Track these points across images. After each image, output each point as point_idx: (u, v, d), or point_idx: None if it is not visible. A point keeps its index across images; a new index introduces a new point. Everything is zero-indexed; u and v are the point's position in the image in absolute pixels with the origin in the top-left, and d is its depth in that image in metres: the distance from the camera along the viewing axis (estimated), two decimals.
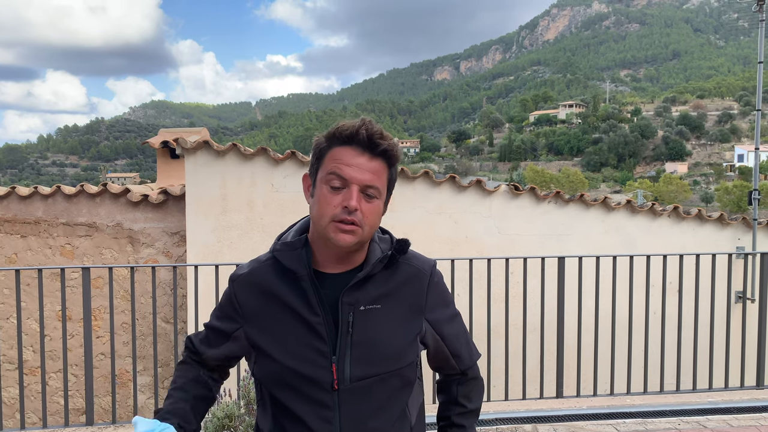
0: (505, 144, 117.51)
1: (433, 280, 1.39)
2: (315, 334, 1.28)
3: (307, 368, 1.28)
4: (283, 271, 1.32)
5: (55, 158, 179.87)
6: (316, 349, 1.28)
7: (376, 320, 1.30)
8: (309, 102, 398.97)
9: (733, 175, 79.21)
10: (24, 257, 5.97)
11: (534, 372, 4.56)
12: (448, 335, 1.43)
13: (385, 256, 1.31)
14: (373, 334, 1.29)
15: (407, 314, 1.34)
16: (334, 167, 1.25)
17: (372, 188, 1.25)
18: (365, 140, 1.24)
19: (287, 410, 1.31)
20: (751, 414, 4.08)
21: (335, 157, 1.26)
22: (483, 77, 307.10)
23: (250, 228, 5.55)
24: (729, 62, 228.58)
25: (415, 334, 1.35)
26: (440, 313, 1.41)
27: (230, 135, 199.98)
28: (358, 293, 1.29)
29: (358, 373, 1.28)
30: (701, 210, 6.42)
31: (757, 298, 4.93)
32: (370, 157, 1.25)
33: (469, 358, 1.49)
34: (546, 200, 6.00)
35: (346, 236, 1.24)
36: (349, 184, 1.24)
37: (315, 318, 1.28)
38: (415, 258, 1.39)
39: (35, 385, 5.89)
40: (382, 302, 1.31)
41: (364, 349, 1.29)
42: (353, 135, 1.25)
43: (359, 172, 1.24)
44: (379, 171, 1.26)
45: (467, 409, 1.49)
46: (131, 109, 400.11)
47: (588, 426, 3.87)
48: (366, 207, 1.25)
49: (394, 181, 1.33)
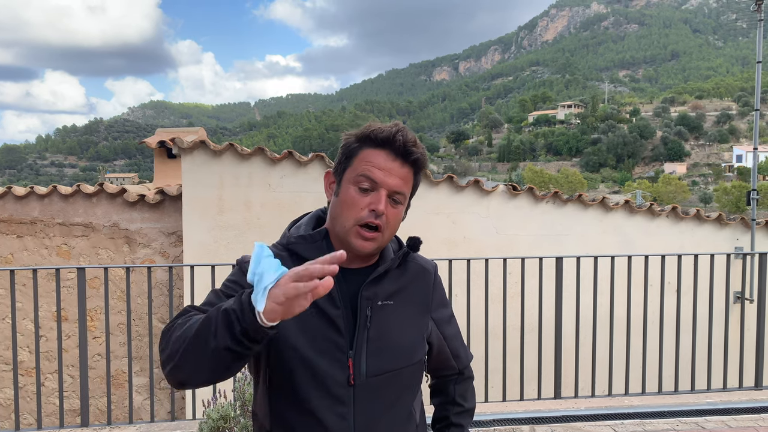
0: (504, 144, 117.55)
1: (437, 279, 1.43)
2: (333, 327, 1.26)
3: (323, 361, 1.25)
4: (301, 262, 1.21)
5: (53, 159, 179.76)
6: (333, 342, 1.26)
7: (390, 316, 1.31)
8: (308, 102, 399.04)
9: (732, 175, 79.36)
10: (20, 257, 5.94)
11: (532, 372, 4.55)
12: (449, 335, 1.45)
13: (402, 251, 1.34)
14: (387, 330, 1.30)
15: (417, 311, 1.37)
16: (365, 169, 1.25)
17: (399, 194, 1.27)
18: (401, 147, 1.25)
19: (300, 404, 1.25)
20: (749, 415, 4.07)
21: (367, 159, 1.26)
22: (482, 78, 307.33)
23: (247, 228, 5.53)
24: (728, 63, 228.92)
25: (423, 331, 1.37)
26: (442, 312, 1.43)
27: (229, 135, 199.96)
28: (377, 288, 1.30)
29: (373, 368, 1.27)
30: (699, 210, 6.41)
31: (756, 298, 4.92)
32: (402, 163, 1.26)
33: (465, 357, 1.52)
34: (544, 200, 5.99)
35: (366, 243, 1.25)
36: (379, 188, 1.24)
37: (335, 311, 1.26)
38: (419, 257, 1.42)
39: (30, 386, 5.87)
40: (395, 298, 1.32)
41: (380, 344, 1.28)
42: (389, 139, 1.25)
43: (390, 177, 1.25)
44: (407, 178, 1.28)
45: (464, 408, 1.51)
46: (130, 110, 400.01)
47: (586, 427, 3.85)
48: (391, 212, 1.26)
49: (417, 188, 1.35)
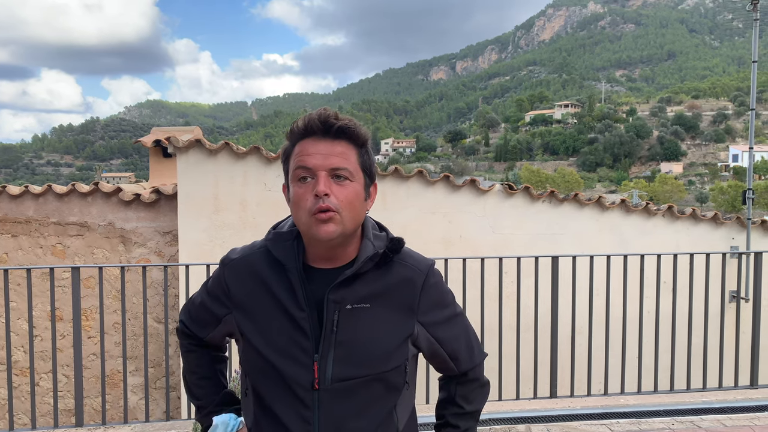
0: (501, 144, 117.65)
1: (429, 281, 1.33)
2: (299, 330, 1.25)
3: (288, 364, 1.25)
4: (274, 262, 1.29)
5: (49, 158, 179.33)
6: (299, 345, 1.25)
7: (364, 320, 1.25)
8: (305, 101, 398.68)
9: (728, 175, 79.54)
10: (15, 257, 5.92)
11: (528, 372, 4.54)
12: (445, 338, 1.37)
13: (376, 254, 1.26)
14: (358, 335, 1.25)
15: (397, 316, 1.29)
16: (298, 161, 1.22)
17: (340, 170, 1.21)
18: (319, 125, 1.22)
19: (266, 406, 1.29)
20: (744, 414, 4.07)
21: (297, 152, 1.24)
22: (479, 77, 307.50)
23: (242, 227, 5.52)
24: (724, 63, 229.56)
25: (404, 336, 1.29)
26: (435, 314, 1.34)
27: (226, 134, 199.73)
28: (345, 291, 1.24)
29: (339, 373, 1.24)
30: (695, 209, 6.41)
31: (751, 297, 4.92)
32: (331, 141, 1.22)
33: (469, 360, 1.42)
34: (540, 200, 5.99)
35: (326, 226, 1.19)
36: (316, 173, 1.20)
37: (300, 313, 1.25)
38: (411, 258, 1.34)
39: (25, 385, 5.84)
40: (372, 302, 1.26)
41: (348, 350, 1.24)
42: (307, 124, 1.23)
43: (322, 158, 1.20)
44: (345, 153, 1.22)
45: (464, 410, 1.43)
46: (126, 109, 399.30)
47: (582, 426, 3.85)
48: (338, 190, 1.20)
49: (370, 164, 1.28)
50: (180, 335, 1.51)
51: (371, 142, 1.31)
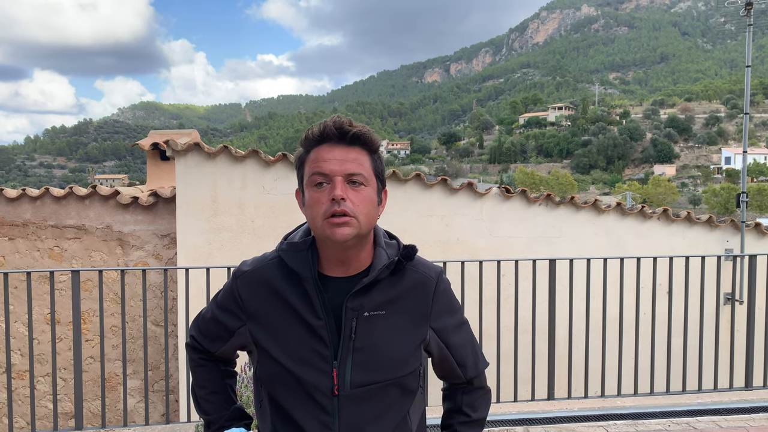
0: (495, 146, 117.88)
1: (440, 288, 1.37)
2: (317, 338, 1.28)
3: (307, 372, 1.27)
4: (288, 272, 1.31)
5: (42, 159, 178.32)
6: (317, 352, 1.28)
7: (380, 327, 1.29)
8: (299, 103, 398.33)
9: (720, 177, 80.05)
10: (12, 260, 5.91)
11: (525, 374, 4.57)
12: (454, 344, 1.41)
13: (392, 261, 1.29)
14: (375, 341, 1.28)
15: (412, 322, 1.33)
16: (314, 168, 1.25)
17: (355, 175, 1.24)
18: (335, 132, 1.25)
19: (285, 414, 1.30)
20: (740, 415, 4.11)
21: (312, 158, 1.26)
22: (473, 79, 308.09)
23: (241, 230, 5.53)
24: (716, 65, 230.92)
25: (418, 342, 1.33)
26: (446, 320, 1.38)
27: (220, 137, 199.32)
28: (363, 299, 1.28)
29: (358, 379, 1.27)
30: (690, 212, 6.47)
31: (746, 299, 4.97)
32: (346, 147, 1.25)
33: (474, 367, 1.46)
34: (537, 203, 6.02)
35: (342, 230, 1.22)
36: (332, 178, 1.23)
37: (317, 322, 1.27)
38: (422, 264, 1.37)
39: (23, 389, 5.83)
40: (387, 309, 1.30)
41: (366, 356, 1.28)
42: (323, 131, 1.26)
43: (338, 164, 1.24)
44: (359, 159, 1.26)
45: (471, 418, 1.46)
46: (120, 110, 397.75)
47: (579, 428, 3.88)
48: (354, 195, 1.23)
49: (382, 170, 1.32)
50: (190, 350, 1.52)
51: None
